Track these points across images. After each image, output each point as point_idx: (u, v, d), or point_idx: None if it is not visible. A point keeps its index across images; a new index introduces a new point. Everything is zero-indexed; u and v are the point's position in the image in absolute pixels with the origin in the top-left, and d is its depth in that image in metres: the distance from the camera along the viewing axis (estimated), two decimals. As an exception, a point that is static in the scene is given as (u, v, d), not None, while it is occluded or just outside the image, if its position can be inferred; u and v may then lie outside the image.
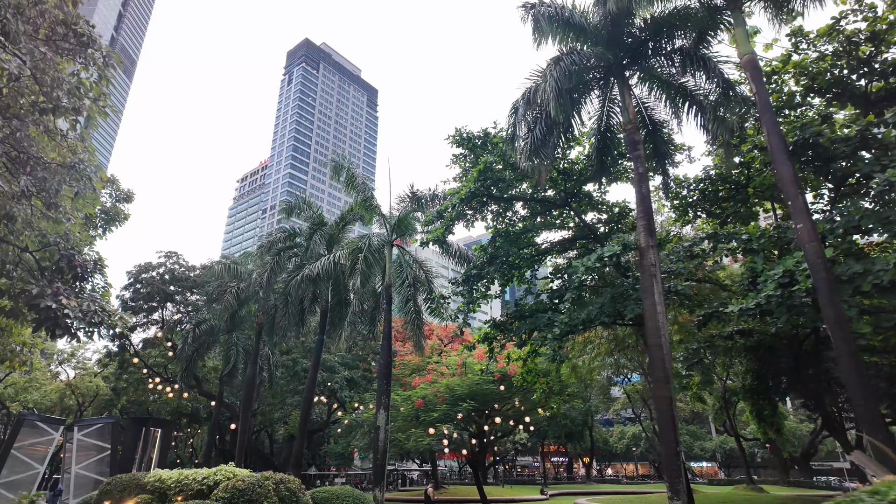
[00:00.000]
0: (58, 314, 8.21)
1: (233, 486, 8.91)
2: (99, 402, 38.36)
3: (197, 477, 9.70)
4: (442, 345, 34.22)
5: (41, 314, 8.32)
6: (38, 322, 8.45)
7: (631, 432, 68.17)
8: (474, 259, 18.40)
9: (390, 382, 17.88)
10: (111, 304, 9.11)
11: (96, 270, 9.24)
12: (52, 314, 8.26)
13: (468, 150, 17.31)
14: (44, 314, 8.27)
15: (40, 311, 8.31)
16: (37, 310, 8.37)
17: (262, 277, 21.19)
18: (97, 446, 22.00)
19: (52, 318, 8.30)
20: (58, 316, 8.24)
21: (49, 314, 8.27)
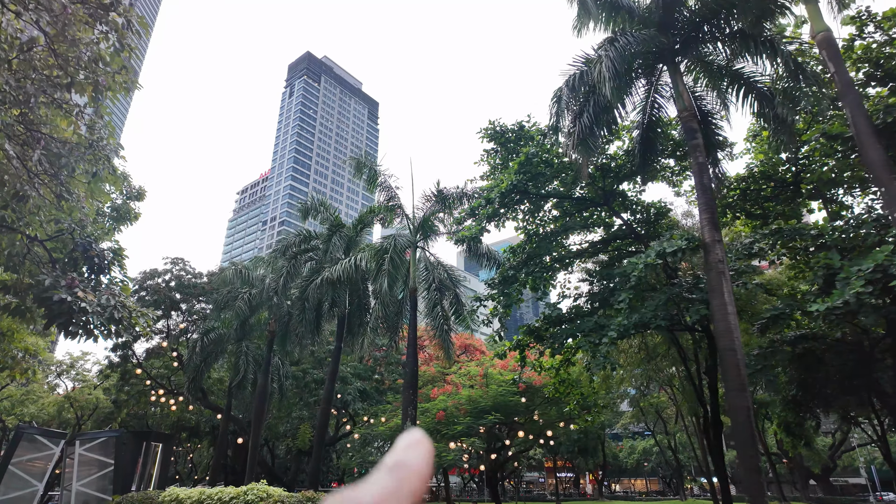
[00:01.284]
0: (73, 308, 7.14)
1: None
2: (98, 416, 36.94)
3: (223, 497, 8.56)
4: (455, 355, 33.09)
5: (54, 308, 7.25)
6: (49, 318, 7.37)
7: (641, 447, 66.60)
8: (504, 261, 17.35)
9: (417, 392, 16.73)
10: (131, 301, 8.03)
11: (115, 262, 8.19)
12: (66, 308, 7.19)
13: (500, 144, 16.38)
14: (57, 308, 7.20)
15: (53, 306, 7.24)
16: (49, 304, 7.29)
17: (277, 282, 20.11)
18: (99, 461, 20.70)
19: (67, 312, 7.23)
20: (73, 310, 7.16)
21: (63, 308, 7.20)
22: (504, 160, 17.17)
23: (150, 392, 31.03)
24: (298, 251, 20.86)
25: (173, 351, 28.96)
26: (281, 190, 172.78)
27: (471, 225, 14.52)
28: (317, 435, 19.13)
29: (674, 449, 50.03)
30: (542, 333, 16.41)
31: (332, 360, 20.25)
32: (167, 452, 32.30)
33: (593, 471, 65.95)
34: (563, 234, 16.68)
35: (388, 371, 31.10)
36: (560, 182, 16.19)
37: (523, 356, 17.14)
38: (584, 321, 14.11)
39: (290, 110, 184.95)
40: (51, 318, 7.42)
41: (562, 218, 17.58)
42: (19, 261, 8.47)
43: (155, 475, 25.62)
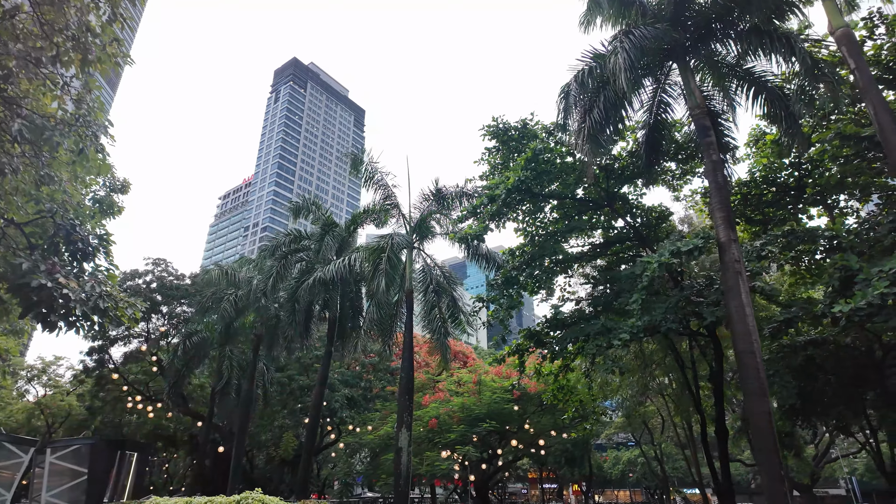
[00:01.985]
0: (54, 295, 6.43)
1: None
2: (71, 423, 35.38)
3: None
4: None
5: (31, 296, 6.54)
6: (26, 307, 6.65)
7: (626, 457, 66.35)
8: (504, 263, 16.87)
9: (413, 398, 16.07)
10: (118, 290, 7.33)
11: (100, 249, 7.49)
12: (45, 296, 6.48)
13: (502, 143, 15.96)
14: (35, 296, 6.48)
15: (30, 293, 6.53)
16: (26, 291, 6.58)
17: (266, 283, 19.31)
18: (72, 471, 19.52)
19: (47, 300, 6.51)
20: (54, 297, 6.45)
21: (42, 296, 6.49)
22: (505, 160, 16.76)
23: (126, 398, 29.74)
24: (288, 251, 20.11)
25: (153, 355, 27.81)
26: (264, 196, 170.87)
27: (473, 224, 14.01)
28: (306, 442, 18.31)
29: (660, 459, 49.82)
30: (542, 338, 15.94)
31: (321, 364, 19.47)
32: (143, 462, 30.84)
33: (577, 482, 65.41)
34: (566, 234, 16.29)
35: (376, 378, 30.29)
36: (561, 184, 15.81)
37: (522, 361, 16.65)
38: (588, 325, 13.66)
39: (275, 116, 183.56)
40: (27, 307, 6.69)
41: (562, 220, 17.20)
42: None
43: (129, 486, 24.38)
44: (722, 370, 14.18)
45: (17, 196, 7.45)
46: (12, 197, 7.36)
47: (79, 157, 7.38)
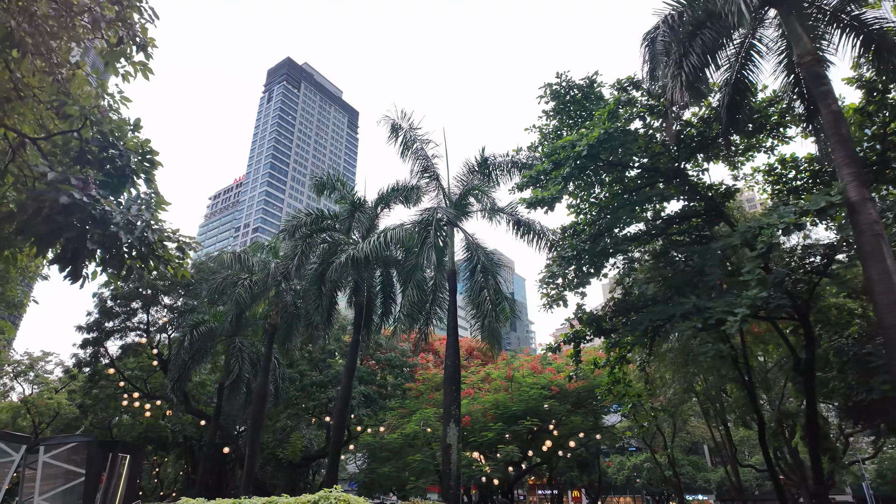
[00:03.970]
0: (92, 214, 4.69)
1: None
2: (59, 423, 33.01)
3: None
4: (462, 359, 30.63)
5: (58, 219, 4.78)
6: (48, 237, 4.88)
7: (631, 462, 64.84)
8: (558, 243, 15.25)
9: (460, 389, 14.36)
10: (167, 223, 5.59)
11: (145, 169, 5.74)
12: (77, 217, 4.73)
13: (561, 106, 14.39)
14: (63, 217, 4.73)
15: (56, 214, 4.77)
16: (50, 212, 4.82)
17: (288, 265, 17.53)
18: (67, 472, 17.53)
19: (79, 224, 4.76)
20: (89, 220, 4.71)
21: (73, 218, 4.74)
22: (561, 126, 15.20)
23: (121, 396, 27.59)
24: (313, 230, 18.33)
25: (153, 348, 25.76)
26: (256, 196, 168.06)
27: (537, 192, 12.35)
28: (334, 440, 16.48)
29: (673, 464, 48.29)
30: (602, 324, 14.33)
31: (348, 354, 17.69)
32: (135, 465, 28.65)
33: (580, 488, 63.72)
34: (638, 205, 14.69)
35: (392, 374, 28.43)
36: (624, 151, 14.23)
37: (578, 350, 15.02)
38: (669, 306, 12.05)
39: (268, 116, 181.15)
40: (50, 236, 4.93)
41: (619, 196, 15.64)
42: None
43: (121, 490, 22.33)
44: (814, 359, 12.68)
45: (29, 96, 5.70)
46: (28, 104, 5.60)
47: (117, 48, 5.64)
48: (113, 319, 25.92)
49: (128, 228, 4.90)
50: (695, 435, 60.54)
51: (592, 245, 13.87)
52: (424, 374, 27.57)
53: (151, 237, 5.14)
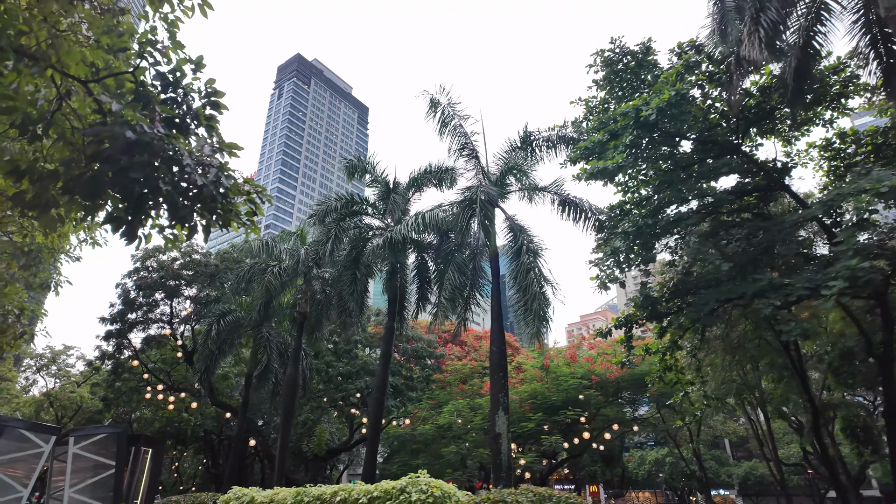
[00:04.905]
0: (162, 151, 4.00)
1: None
2: (81, 417, 32.83)
3: (356, 496, 5.37)
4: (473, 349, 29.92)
5: (121, 160, 4.09)
6: (114, 178, 4.21)
7: (652, 457, 63.81)
8: (608, 223, 14.45)
9: (507, 375, 13.64)
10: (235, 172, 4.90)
11: (208, 116, 5.05)
12: (147, 154, 4.05)
13: (613, 75, 13.56)
14: (128, 156, 4.04)
15: (119, 155, 4.09)
16: (112, 155, 4.14)
17: (321, 249, 16.88)
18: (96, 463, 17.00)
19: (145, 166, 4.08)
20: (163, 156, 4.02)
21: (137, 158, 4.05)
22: (607, 100, 14.38)
23: (144, 389, 27.23)
24: (343, 215, 17.66)
25: (177, 340, 25.31)
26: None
27: (598, 162, 11.54)
28: (371, 428, 15.84)
29: (699, 458, 47.20)
30: (657, 306, 13.52)
31: (384, 342, 17.04)
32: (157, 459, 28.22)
33: (604, 481, 62.81)
34: (691, 182, 13.84)
35: (419, 365, 27.78)
36: (679, 123, 13.37)
37: (630, 336, 14.25)
38: (739, 284, 11.21)
39: (278, 112, 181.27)
40: (112, 182, 4.25)
41: (670, 172, 14.78)
42: (43, 117, 5.32)
43: (144, 485, 21.90)
44: (893, 342, 11.80)
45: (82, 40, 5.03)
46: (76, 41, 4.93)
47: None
48: (136, 311, 25.49)
49: (202, 172, 4.21)
50: (716, 429, 59.40)
51: (650, 224, 13.04)
52: (451, 365, 26.90)
53: (227, 182, 4.45)
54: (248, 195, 5.01)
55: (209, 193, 4.39)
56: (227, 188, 4.54)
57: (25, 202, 5.65)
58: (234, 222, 5.12)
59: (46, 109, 5.55)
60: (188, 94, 4.90)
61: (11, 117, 5.44)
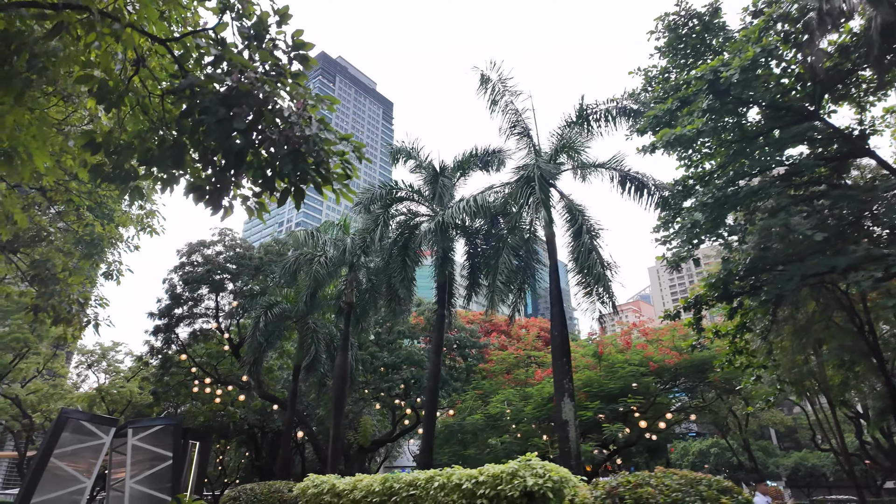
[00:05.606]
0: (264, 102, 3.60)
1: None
2: (131, 411, 33.56)
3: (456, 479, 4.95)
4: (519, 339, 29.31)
5: (217, 111, 3.70)
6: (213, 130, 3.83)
7: (696, 448, 62.23)
8: (672, 199, 13.68)
9: (570, 360, 13.08)
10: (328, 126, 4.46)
11: (294, 74, 4.64)
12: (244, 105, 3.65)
13: (676, 41, 12.76)
14: (227, 109, 3.64)
15: (220, 103, 3.70)
16: (209, 107, 3.75)
17: (369, 237, 16.56)
18: (154, 455, 17.18)
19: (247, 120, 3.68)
20: (265, 106, 3.62)
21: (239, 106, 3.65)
22: (667, 69, 13.58)
23: (192, 382, 27.59)
24: (391, 201, 17.31)
25: (224, 333, 25.50)
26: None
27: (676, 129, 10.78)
28: (426, 418, 15.50)
29: (748, 449, 45.63)
30: (730, 287, 12.73)
31: (434, 330, 16.66)
32: (204, 452, 28.49)
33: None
34: (759, 153, 12.97)
35: (461, 355, 27.41)
36: (744, 89, 12.45)
37: (699, 318, 13.50)
38: (833, 256, 10.37)
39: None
40: (214, 126, 3.87)
41: (736, 143, 13.89)
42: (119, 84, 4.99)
43: (192, 478, 22.13)
44: None
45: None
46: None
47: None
48: (182, 305, 25.77)
49: (301, 126, 3.79)
50: (762, 419, 57.37)
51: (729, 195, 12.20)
52: (495, 355, 26.43)
53: (330, 136, 4.03)
54: (343, 155, 4.58)
55: (310, 150, 3.97)
56: (323, 141, 4.11)
57: (104, 175, 5.38)
58: (327, 186, 4.72)
59: (122, 77, 5.26)
60: (274, 49, 4.49)
61: (89, 84, 5.15)
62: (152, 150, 5.32)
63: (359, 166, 4.67)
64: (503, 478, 4.97)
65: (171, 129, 5.21)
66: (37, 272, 9.87)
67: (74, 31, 4.66)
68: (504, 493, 4.81)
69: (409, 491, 5.72)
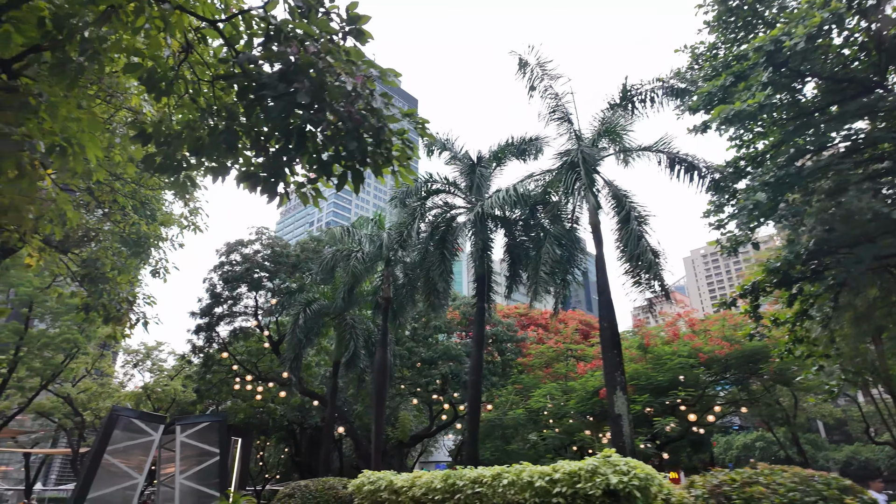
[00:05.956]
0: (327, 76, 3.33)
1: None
2: (176, 408, 34.44)
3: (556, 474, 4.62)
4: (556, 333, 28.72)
5: (277, 85, 3.46)
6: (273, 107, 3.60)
7: (740, 442, 60.35)
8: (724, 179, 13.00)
9: (621, 352, 12.59)
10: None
11: (351, 45, 4.38)
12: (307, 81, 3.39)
13: (727, 14, 12.07)
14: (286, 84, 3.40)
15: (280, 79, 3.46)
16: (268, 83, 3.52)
17: (406, 231, 16.35)
18: (201, 451, 17.47)
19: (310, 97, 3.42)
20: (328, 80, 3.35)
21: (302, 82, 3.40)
22: (715, 45, 12.88)
23: (233, 380, 28.06)
24: (427, 194, 17.07)
25: (263, 331, 25.80)
26: (326, 191, 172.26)
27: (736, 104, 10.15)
28: (470, 412, 15.21)
29: (797, 442, 43.89)
30: (791, 271, 12.01)
31: (475, 323, 16.36)
32: (246, 448, 28.90)
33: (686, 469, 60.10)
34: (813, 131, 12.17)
35: (498, 349, 27.07)
36: (803, 61, 11.65)
37: (756, 306, 12.82)
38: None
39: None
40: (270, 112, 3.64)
41: (789, 121, 13.09)
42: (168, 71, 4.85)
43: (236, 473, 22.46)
44: None
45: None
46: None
47: None
48: (222, 304, 26.16)
49: (366, 100, 3.51)
50: (810, 411, 55.24)
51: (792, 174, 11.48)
52: (533, 349, 25.99)
53: (394, 111, 3.75)
54: (402, 134, 4.29)
55: (372, 127, 3.70)
56: (387, 124, 3.83)
57: (155, 166, 5.25)
58: (385, 169, 4.45)
59: (171, 64, 5.10)
60: (328, 21, 4.23)
61: (136, 74, 5.02)
62: (202, 139, 5.18)
63: (421, 145, 4.37)
64: (581, 475, 4.63)
65: (221, 117, 5.04)
66: (87, 272, 9.96)
67: (124, 15, 4.50)
68: (583, 492, 4.47)
69: (475, 488, 5.42)
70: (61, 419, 34.93)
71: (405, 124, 4.14)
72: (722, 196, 12.81)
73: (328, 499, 7.22)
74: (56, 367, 26.84)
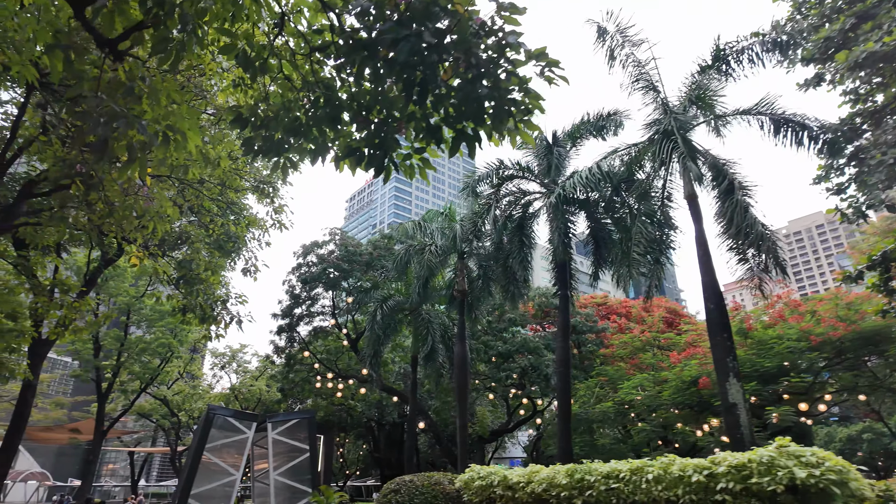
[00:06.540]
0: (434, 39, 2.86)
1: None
2: (262, 408, 35.90)
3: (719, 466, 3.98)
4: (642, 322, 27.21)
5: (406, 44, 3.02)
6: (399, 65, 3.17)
7: (844, 434, 55.44)
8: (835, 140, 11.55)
9: (731, 336, 11.50)
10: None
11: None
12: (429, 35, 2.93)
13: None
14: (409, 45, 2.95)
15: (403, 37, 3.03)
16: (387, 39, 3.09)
17: (478, 220, 15.88)
18: (292, 447, 17.87)
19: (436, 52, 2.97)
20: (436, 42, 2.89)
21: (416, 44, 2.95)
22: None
23: (315, 378, 28.73)
24: (499, 181, 16.49)
25: (341, 329, 26.20)
26: (386, 192, 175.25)
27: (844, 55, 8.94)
28: (560, 406, 14.56)
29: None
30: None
31: (560, 312, 15.62)
32: (329, 445, 29.53)
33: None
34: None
35: (577, 340, 26.07)
36: None
37: (887, 278, 11.29)
38: None
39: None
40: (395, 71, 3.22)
41: None
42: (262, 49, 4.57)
43: (321, 469, 22.85)
44: None
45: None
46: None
47: None
48: (301, 305, 26.80)
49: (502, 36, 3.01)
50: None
51: None
52: (615, 339, 24.79)
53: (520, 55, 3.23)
54: (525, 83, 3.73)
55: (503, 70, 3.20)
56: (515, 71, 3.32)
57: (255, 149, 5.05)
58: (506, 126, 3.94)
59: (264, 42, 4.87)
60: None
61: (231, 55, 4.82)
62: (299, 119, 4.94)
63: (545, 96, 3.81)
64: (752, 468, 3.96)
65: (319, 91, 4.75)
66: (182, 273, 10.18)
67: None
68: (758, 487, 3.79)
69: (609, 484, 4.85)
70: (159, 420, 37.31)
71: (530, 70, 3.59)
72: (837, 158, 11.42)
73: (435, 494, 6.88)
74: (153, 370, 28.57)
